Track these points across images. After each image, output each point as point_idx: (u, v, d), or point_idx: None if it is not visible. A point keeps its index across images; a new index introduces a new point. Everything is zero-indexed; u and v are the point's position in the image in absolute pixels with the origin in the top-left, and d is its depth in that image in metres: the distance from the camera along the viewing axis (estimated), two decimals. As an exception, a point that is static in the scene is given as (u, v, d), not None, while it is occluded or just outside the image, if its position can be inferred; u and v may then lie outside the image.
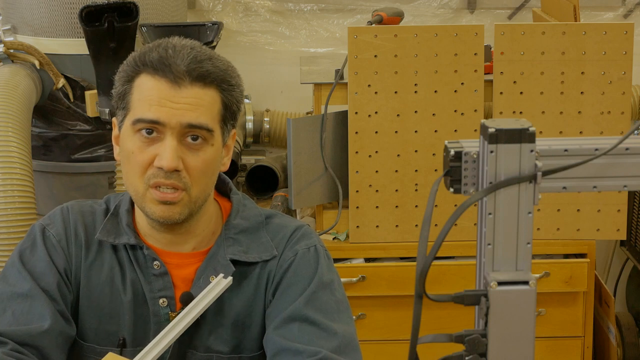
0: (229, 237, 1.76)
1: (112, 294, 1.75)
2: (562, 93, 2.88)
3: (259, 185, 3.35)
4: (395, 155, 2.90)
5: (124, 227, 1.76)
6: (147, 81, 1.66)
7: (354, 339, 1.72)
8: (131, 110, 1.67)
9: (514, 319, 1.17)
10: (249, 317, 1.75)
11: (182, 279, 1.75)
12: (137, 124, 1.65)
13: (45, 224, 1.78)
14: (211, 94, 1.67)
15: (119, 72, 1.71)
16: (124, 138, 1.69)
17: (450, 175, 1.20)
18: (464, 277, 2.89)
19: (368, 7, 3.60)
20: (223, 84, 1.68)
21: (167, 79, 1.64)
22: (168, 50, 1.66)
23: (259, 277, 1.75)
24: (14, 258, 1.76)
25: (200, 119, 1.65)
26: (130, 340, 1.74)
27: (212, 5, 3.64)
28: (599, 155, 1.19)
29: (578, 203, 2.93)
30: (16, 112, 2.75)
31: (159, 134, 1.65)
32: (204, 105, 1.65)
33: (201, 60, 1.66)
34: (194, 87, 1.65)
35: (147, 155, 1.65)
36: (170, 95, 1.64)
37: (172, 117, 1.63)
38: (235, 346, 1.75)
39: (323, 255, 1.78)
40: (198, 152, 1.66)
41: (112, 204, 1.80)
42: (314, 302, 1.71)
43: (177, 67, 1.64)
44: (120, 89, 1.69)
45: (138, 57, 1.68)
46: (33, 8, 3.05)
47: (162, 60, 1.65)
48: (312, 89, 2.97)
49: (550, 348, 2.98)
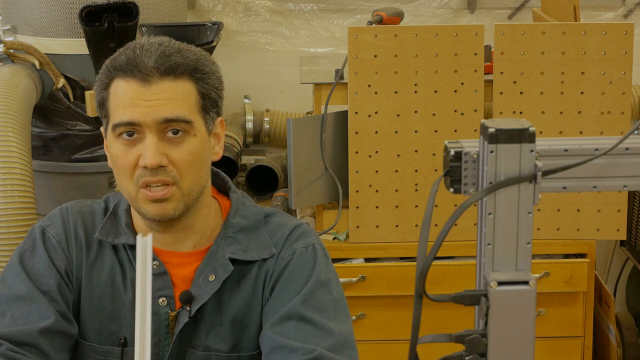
0: (228, 236, 1.76)
1: (113, 294, 1.75)
2: (562, 93, 2.88)
3: (259, 185, 3.35)
4: (395, 155, 2.90)
5: (123, 227, 1.76)
6: (120, 85, 1.67)
7: (350, 337, 1.72)
8: (111, 117, 1.68)
9: (514, 319, 1.17)
10: (247, 315, 1.75)
11: (182, 278, 1.75)
12: (117, 129, 1.66)
13: (45, 225, 1.78)
14: (184, 85, 1.67)
15: (96, 81, 1.73)
16: (109, 144, 1.70)
17: (450, 175, 1.20)
18: (464, 277, 2.89)
19: (368, 7, 3.60)
20: (196, 73, 1.69)
21: (136, 78, 1.65)
22: (136, 51, 1.68)
23: (257, 276, 1.75)
24: (14, 260, 1.76)
25: (176, 111, 1.65)
26: (131, 340, 1.74)
27: (212, 5, 3.64)
28: (599, 155, 1.19)
29: (578, 203, 2.93)
30: (16, 112, 2.75)
31: (139, 135, 1.66)
32: (178, 98, 1.66)
33: (169, 55, 1.67)
34: (165, 81, 1.65)
35: (131, 157, 1.66)
36: (142, 94, 1.65)
37: (147, 115, 1.64)
38: (234, 345, 1.75)
39: (321, 254, 1.78)
40: (181, 145, 1.66)
41: (111, 203, 1.81)
42: (310, 301, 1.71)
43: (145, 65, 1.65)
44: (98, 97, 1.71)
45: (109, 63, 1.70)
46: (33, 8, 3.05)
47: (130, 61, 1.66)
48: (312, 89, 2.97)
49: (550, 348, 2.98)
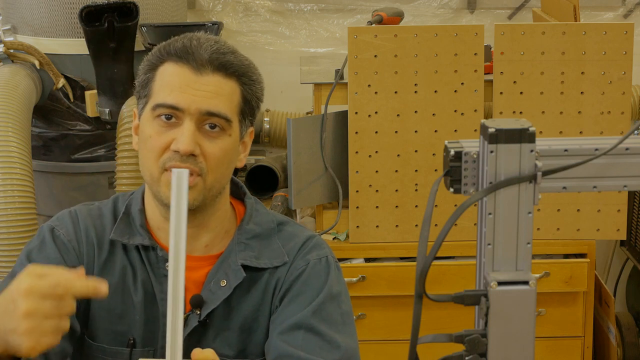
0: (241, 242, 1.76)
1: (123, 295, 1.74)
2: (562, 93, 2.88)
3: (259, 185, 3.34)
4: (395, 155, 2.90)
5: (138, 228, 1.75)
6: (170, 68, 1.68)
7: (356, 352, 1.73)
8: (152, 97, 1.69)
9: (514, 319, 1.17)
10: (255, 321, 1.75)
11: (193, 282, 1.74)
12: (157, 109, 1.67)
13: (54, 225, 1.77)
14: (231, 85, 1.69)
15: (142, 62, 1.74)
16: (144, 124, 1.70)
17: (450, 175, 1.20)
18: (464, 277, 2.89)
19: (368, 7, 3.60)
20: (244, 77, 1.71)
21: (189, 65, 1.67)
22: (192, 41, 1.69)
23: (267, 283, 1.75)
24: (22, 258, 1.75)
25: (220, 107, 1.66)
26: (140, 341, 1.73)
27: (212, 5, 3.64)
28: (599, 155, 1.19)
29: (578, 203, 2.93)
30: (16, 112, 2.75)
31: (177, 120, 1.66)
32: (224, 95, 1.68)
33: (224, 52, 1.69)
34: (216, 75, 1.67)
35: (165, 139, 1.66)
36: (192, 82, 1.66)
37: (192, 104, 1.65)
38: (240, 350, 1.75)
39: (334, 266, 1.78)
40: (216, 140, 1.67)
41: (122, 204, 1.79)
42: (321, 313, 1.71)
43: (201, 55, 1.67)
44: (142, 77, 1.72)
45: (163, 47, 1.71)
46: (33, 8, 3.05)
47: (186, 49, 1.68)
48: (312, 89, 2.97)
49: (550, 348, 2.98)
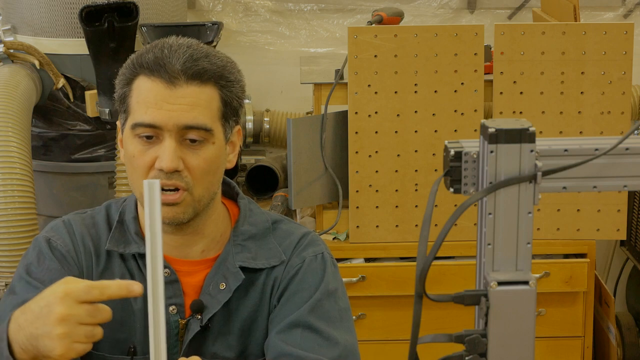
0: (237, 244, 1.75)
1: (123, 303, 1.71)
2: (562, 93, 2.88)
3: (259, 185, 3.35)
4: (395, 155, 2.90)
5: (132, 236, 1.74)
6: (144, 83, 1.65)
7: (355, 348, 1.72)
8: (131, 114, 1.66)
9: (514, 319, 1.17)
10: (254, 322, 1.74)
11: (192, 287, 1.73)
12: (136, 129, 1.64)
13: (50, 236, 1.75)
14: (208, 92, 1.65)
15: (118, 75, 1.70)
16: (126, 141, 1.68)
17: (450, 175, 1.20)
18: (464, 277, 2.89)
19: (368, 7, 3.60)
20: (221, 80, 1.67)
21: (162, 79, 1.63)
22: (164, 51, 1.65)
23: (264, 283, 1.75)
24: (21, 272, 1.72)
25: (198, 119, 1.63)
26: (140, 348, 1.73)
27: (212, 5, 3.64)
28: (599, 155, 1.19)
29: (578, 203, 2.93)
30: (16, 112, 2.75)
31: (157, 137, 1.64)
32: (201, 105, 1.64)
33: (197, 59, 1.65)
34: (190, 85, 1.64)
35: (148, 157, 1.64)
36: (167, 96, 1.63)
37: (169, 120, 1.62)
38: (241, 351, 1.74)
39: (330, 263, 1.77)
40: (199, 152, 1.65)
41: (115, 211, 1.78)
42: (318, 310, 1.71)
43: (172, 66, 1.63)
44: (120, 92, 1.69)
45: (135, 59, 1.67)
46: (33, 8, 3.05)
47: (158, 60, 1.64)
48: (312, 89, 2.97)
49: (550, 348, 2.98)
